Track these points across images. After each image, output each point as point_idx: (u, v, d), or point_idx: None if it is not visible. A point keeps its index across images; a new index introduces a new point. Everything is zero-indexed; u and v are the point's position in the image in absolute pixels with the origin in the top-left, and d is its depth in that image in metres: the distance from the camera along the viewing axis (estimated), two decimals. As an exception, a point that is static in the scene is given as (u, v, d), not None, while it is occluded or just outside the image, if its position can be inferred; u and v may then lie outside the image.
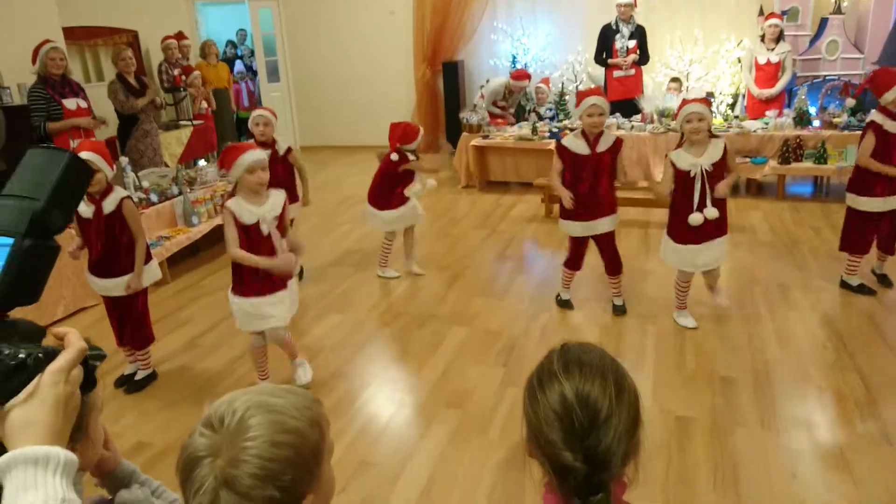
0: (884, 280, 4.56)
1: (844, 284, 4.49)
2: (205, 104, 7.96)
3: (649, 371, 3.63)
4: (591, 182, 4.11)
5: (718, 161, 3.77)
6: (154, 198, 5.51)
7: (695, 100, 3.94)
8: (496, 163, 7.69)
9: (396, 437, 3.19)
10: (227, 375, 3.84)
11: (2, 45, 5.96)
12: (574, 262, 4.39)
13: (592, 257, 4.42)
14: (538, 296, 4.72)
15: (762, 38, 7.20)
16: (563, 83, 8.84)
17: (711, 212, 3.80)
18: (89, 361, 0.82)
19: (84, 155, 3.39)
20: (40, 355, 0.77)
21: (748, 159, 6.72)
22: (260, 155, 3.26)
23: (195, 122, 7.76)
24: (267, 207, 3.28)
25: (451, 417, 3.29)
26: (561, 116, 8.07)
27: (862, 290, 4.42)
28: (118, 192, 3.50)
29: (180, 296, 5.07)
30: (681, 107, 3.87)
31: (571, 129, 7.34)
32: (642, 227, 5.99)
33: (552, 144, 7.23)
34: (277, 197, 3.34)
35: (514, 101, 8.25)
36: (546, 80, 8.34)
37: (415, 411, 3.40)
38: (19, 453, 0.71)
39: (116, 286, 3.57)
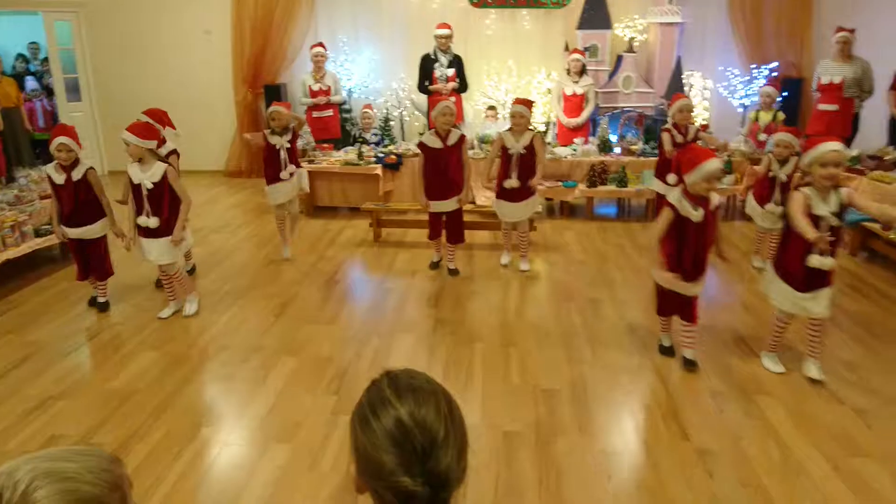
0: None
1: None
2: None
3: (478, 387, 3.73)
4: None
5: (528, 145, 5.29)
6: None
7: (519, 100, 5.35)
8: (323, 188, 7.61)
9: (222, 480, 2.99)
10: (20, 431, 3.40)
11: None
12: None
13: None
14: (369, 320, 4.70)
15: (568, 71, 7.82)
16: (387, 109, 9.00)
17: (511, 182, 5.30)
18: None
19: None
20: None
21: (560, 183, 7.23)
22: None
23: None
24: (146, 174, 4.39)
25: (280, 453, 3.15)
26: (386, 141, 8.16)
27: None
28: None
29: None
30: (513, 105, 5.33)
31: (397, 154, 7.49)
32: (466, 249, 6.19)
33: (378, 169, 7.33)
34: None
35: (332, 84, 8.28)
36: (369, 106, 8.41)
37: (241, 450, 3.22)
38: None
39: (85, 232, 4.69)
